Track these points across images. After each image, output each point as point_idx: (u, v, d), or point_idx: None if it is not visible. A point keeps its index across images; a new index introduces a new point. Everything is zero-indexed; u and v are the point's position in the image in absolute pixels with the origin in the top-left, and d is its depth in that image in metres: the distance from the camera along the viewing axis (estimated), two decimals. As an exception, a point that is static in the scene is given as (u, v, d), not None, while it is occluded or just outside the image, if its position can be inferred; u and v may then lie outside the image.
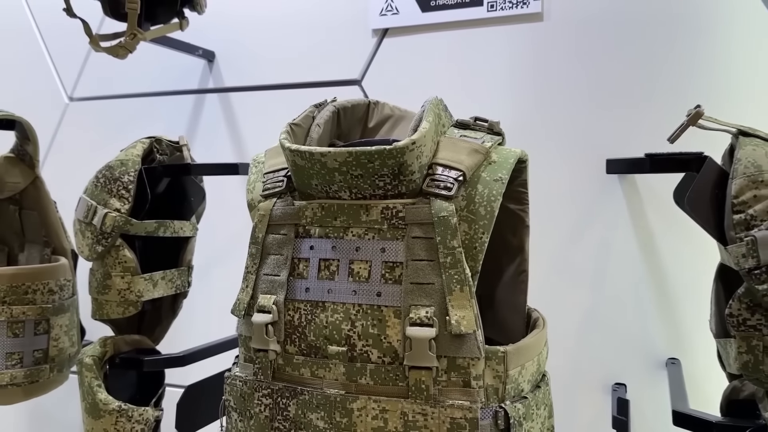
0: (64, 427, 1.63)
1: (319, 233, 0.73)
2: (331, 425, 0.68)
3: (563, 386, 1.15)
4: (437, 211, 0.68)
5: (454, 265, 0.67)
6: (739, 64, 1.05)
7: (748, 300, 0.68)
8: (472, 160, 0.72)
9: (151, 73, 1.50)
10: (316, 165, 0.71)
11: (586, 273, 1.14)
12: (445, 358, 0.66)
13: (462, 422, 0.64)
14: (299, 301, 0.73)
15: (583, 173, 1.11)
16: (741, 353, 0.70)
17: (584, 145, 1.11)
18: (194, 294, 1.19)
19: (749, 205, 0.67)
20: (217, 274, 1.41)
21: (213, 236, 1.39)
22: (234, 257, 1.40)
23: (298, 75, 1.34)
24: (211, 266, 1.40)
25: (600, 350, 1.13)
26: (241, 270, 0.80)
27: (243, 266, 0.78)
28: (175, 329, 1.20)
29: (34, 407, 1.67)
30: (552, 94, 1.16)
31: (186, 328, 1.25)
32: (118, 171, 1.00)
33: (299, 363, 0.72)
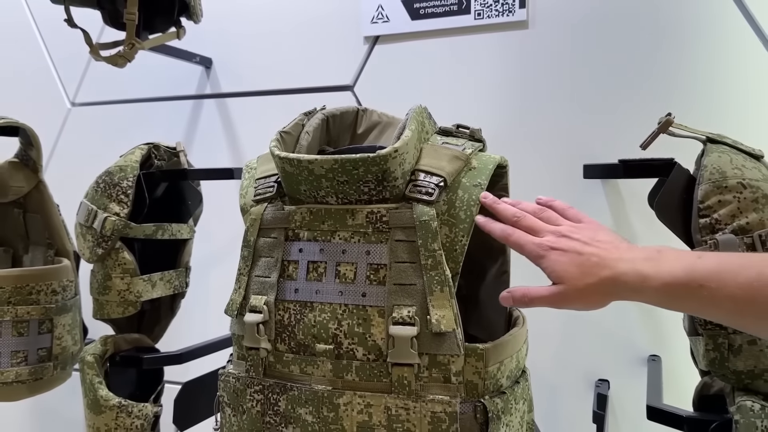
0: (68, 423, 1.67)
1: (308, 236, 0.76)
2: (318, 419, 0.72)
3: (549, 383, 1.18)
4: (419, 216, 0.71)
5: (435, 266, 0.70)
6: (720, 71, 1.08)
7: (714, 299, 0.72)
8: (452, 167, 0.75)
9: (150, 79, 1.54)
10: (304, 172, 0.74)
11: (570, 273, 1.17)
12: (427, 355, 0.69)
13: (442, 416, 0.68)
14: (289, 301, 0.76)
15: (567, 177, 1.14)
16: (708, 350, 0.73)
17: (568, 150, 1.14)
18: (193, 294, 1.22)
19: (714, 210, 0.70)
20: (214, 275, 1.45)
21: (211, 238, 1.42)
22: (231, 259, 1.43)
23: (292, 81, 1.38)
24: (209, 267, 1.44)
25: (584, 348, 1.16)
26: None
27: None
28: (175, 329, 1.24)
29: (39, 404, 1.71)
30: (537, 100, 1.19)
31: (185, 328, 1.29)
32: (118, 176, 1.04)
33: (289, 360, 0.75)
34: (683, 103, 1.09)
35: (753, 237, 0.68)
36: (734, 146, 0.75)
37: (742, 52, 1.07)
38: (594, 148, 1.12)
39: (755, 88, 1.06)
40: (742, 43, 1.07)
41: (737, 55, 1.07)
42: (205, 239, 1.37)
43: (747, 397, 0.70)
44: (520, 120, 1.21)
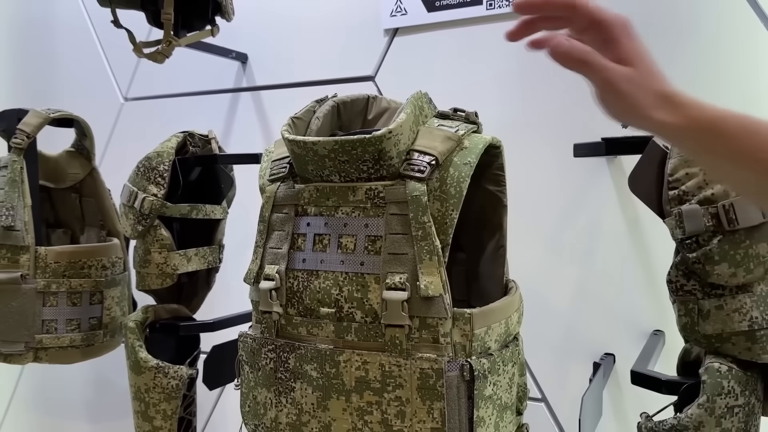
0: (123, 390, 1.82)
1: (315, 212, 0.85)
2: (322, 375, 0.80)
3: (557, 356, 1.23)
4: (411, 191, 0.78)
5: (425, 237, 0.77)
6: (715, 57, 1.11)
7: (684, 267, 0.76)
8: (444, 146, 0.81)
9: (193, 75, 1.67)
10: (310, 152, 0.82)
11: (577, 251, 1.22)
12: (417, 317, 0.77)
13: (429, 372, 0.75)
14: (298, 270, 0.85)
15: (574, 158, 1.18)
16: (680, 316, 0.77)
17: (574, 132, 1.18)
18: (231, 270, 1.33)
19: (682, 182, 0.74)
20: (250, 252, 1.55)
21: (249, 219, 1.52)
22: (264, 239, 1.54)
23: (320, 73, 1.47)
24: (245, 246, 1.54)
25: (590, 323, 1.20)
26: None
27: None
28: (215, 301, 1.35)
29: (98, 373, 1.87)
30: (546, 85, 1.24)
31: (223, 301, 1.40)
32: (155, 161, 1.15)
33: (297, 323, 0.84)
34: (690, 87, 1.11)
35: (717, 207, 0.72)
36: (707, 123, 0.78)
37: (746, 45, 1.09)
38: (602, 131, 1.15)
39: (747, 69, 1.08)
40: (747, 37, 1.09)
41: (739, 49, 1.10)
42: (243, 220, 1.48)
43: (715, 359, 0.74)
44: (529, 105, 1.26)
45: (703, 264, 0.74)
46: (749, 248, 0.72)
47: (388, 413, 0.76)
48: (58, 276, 1.24)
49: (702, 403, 0.73)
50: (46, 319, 1.24)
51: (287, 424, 0.83)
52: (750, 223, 0.71)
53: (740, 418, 0.73)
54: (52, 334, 1.24)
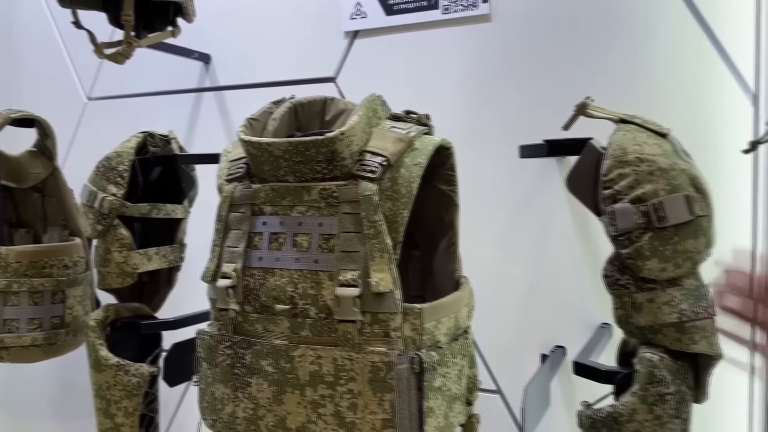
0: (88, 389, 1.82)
1: (271, 211, 0.87)
2: (277, 369, 0.83)
3: (511, 349, 1.27)
4: (363, 191, 0.81)
5: (376, 235, 0.80)
6: (666, 67, 1.16)
7: (618, 263, 0.80)
8: (396, 148, 0.84)
9: (157, 75, 1.67)
10: (265, 153, 0.85)
11: (528, 248, 1.26)
12: (369, 313, 0.79)
13: (380, 365, 0.78)
14: (254, 268, 0.87)
15: (525, 160, 1.22)
16: (616, 309, 0.82)
17: (526, 135, 1.21)
18: (194, 269, 1.33)
19: (615, 182, 0.78)
20: (214, 253, 1.57)
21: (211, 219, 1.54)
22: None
23: (282, 73, 1.49)
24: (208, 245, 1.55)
25: (542, 317, 1.25)
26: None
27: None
28: (178, 300, 1.36)
29: (62, 373, 1.86)
30: (499, 88, 1.28)
31: (187, 299, 1.41)
32: (115, 161, 1.16)
33: (254, 320, 0.86)
34: (632, 88, 1.17)
35: (648, 205, 0.76)
36: (642, 125, 0.83)
37: (687, 48, 1.14)
38: (550, 133, 1.19)
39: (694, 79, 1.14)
40: (688, 40, 1.14)
41: (681, 52, 1.15)
42: (206, 219, 1.49)
43: (648, 350, 0.79)
44: (483, 107, 1.30)
45: (635, 259, 0.78)
46: (678, 244, 0.77)
47: (341, 406, 0.79)
48: (19, 275, 1.25)
49: (635, 392, 0.77)
50: (8, 318, 1.25)
51: (244, 419, 0.85)
52: (678, 221, 0.76)
53: (671, 405, 0.78)
54: (13, 334, 1.25)
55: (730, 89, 1.11)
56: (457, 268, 0.98)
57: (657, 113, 0.92)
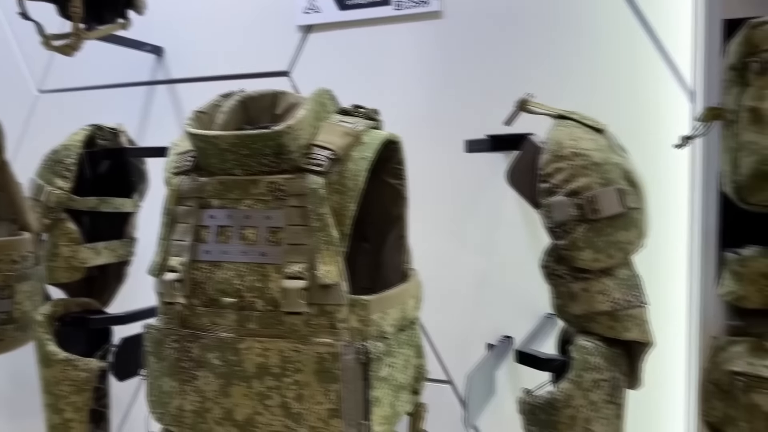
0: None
1: (218, 204, 0.87)
2: (224, 362, 0.83)
3: (462, 340, 1.30)
4: (309, 184, 0.82)
5: (323, 228, 0.81)
6: (603, 61, 1.20)
7: (554, 253, 0.83)
8: (343, 142, 0.85)
9: (109, 68, 1.65)
10: (212, 146, 0.85)
11: (478, 241, 1.29)
12: (315, 305, 0.80)
13: (326, 356, 0.79)
14: (201, 261, 0.87)
15: (476, 154, 1.24)
16: (553, 298, 0.84)
17: (476, 129, 1.23)
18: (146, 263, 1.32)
19: (552, 176, 0.81)
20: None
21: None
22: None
23: (236, 67, 1.48)
24: (162, 240, 1.55)
25: (492, 308, 1.28)
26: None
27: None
28: (130, 295, 1.34)
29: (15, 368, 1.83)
30: (450, 84, 1.30)
31: (139, 294, 1.40)
32: (62, 154, 1.15)
33: (201, 313, 0.86)
34: (578, 84, 1.20)
35: (582, 198, 0.79)
36: (579, 121, 0.85)
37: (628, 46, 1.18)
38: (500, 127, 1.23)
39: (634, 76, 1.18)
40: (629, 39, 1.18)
41: (622, 50, 1.19)
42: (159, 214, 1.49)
43: (583, 338, 0.82)
44: (435, 102, 1.32)
45: (570, 250, 0.81)
46: (610, 236, 0.80)
47: (288, 397, 0.80)
48: (-36, 270, 1.22)
49: (571, 378, 0.80)
50: (-45, 314, 1.22)
51: (191, 412, 0.86)
52: (611, 213, 0.79)
53: (606, 390, 0.81)
54: (-40, 329, 1.22)
55: (669, 86, 1.15)
56: (406, 260, 0.99)
57: (598, 110, 0.95)
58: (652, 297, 0.89)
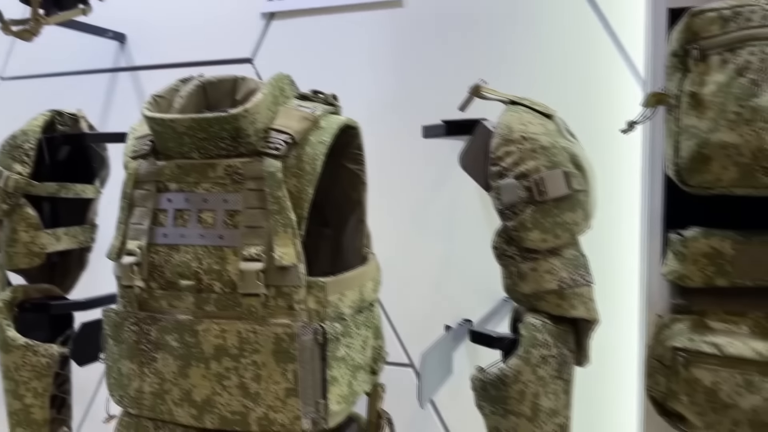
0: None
1: (176, 188, 0.88)
2: (182, 344, 0.84)
3: (423, 323, 1.33)
4: (267, 168, 0.83)
5: (280, 211, 0.82)
6: (558, 50, 1.23)
7: (505, 235, 0.85)
8: (301, 126, 0.86)
9: (72, 54, 1.64)
10: (169, 130, 0.85)
11: (439, 226, 1.32)
12: (273, 286, 0.82)
13: (284, 336, 0.80)
14: (159, 245, 0.88)
15: (436, 141, 1.26)
16: (505, 278, 0.87)
17: (436, 117, 1.26)
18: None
19: (502, 159, 0.83)
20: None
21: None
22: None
23: (199, 54, 1.49)
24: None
25: (452, 292, 1.30)
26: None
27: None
28: (92, 282, 1.34)
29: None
30: (413, 71, 1.32)
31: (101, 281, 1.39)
32: (20, 139, 1.14)
33: (159, 296, 0.87)
34: (530, 76, 1.23)
35: (530, 181, 0.82)
36: (530, 107, 0.88)
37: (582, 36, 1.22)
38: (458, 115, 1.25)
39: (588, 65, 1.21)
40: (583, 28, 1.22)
41: (576, 39, 1.22)
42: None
43: (532, 315, 0.84)
44: (397, 89, 1.34)
45: (519, 231, 0.83)
46: (557, 217, 0.82)
47: (245, 377, 0.81)
48: None
49: (520, 354, 0.83)
50: None
51: (150, 393, 0.87)
52: (557, 194, 0.81)
53: (553, 366, 0.84)
54: None
55: (623, 75, 1.18)
56: (366, 244, 1.01)
57: (554, 97, 0.97)
58: (608, 278, 0.93)
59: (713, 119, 0.79)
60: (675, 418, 0.91)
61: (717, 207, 0.90)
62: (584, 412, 1.19)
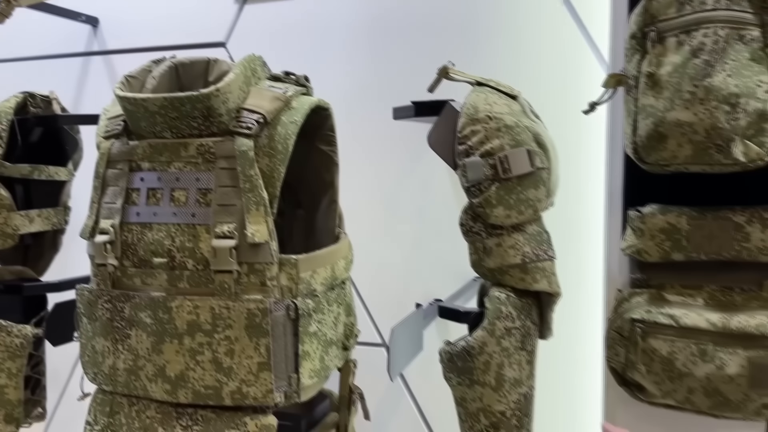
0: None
1: (148, 167, 0.89)
2: (155, 321, 0.85)
3: (395, 303, 1.35)
4: (239, 146, 0.84)
5: (252, 189, 0.83)
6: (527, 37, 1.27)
7: (471, 211, 0.88)
8: (272, 106, 0.88)
9: (43, 38, 1.63)
10: (141, 109, 0.86)
11: (411, 210, 1.34)
12: (246, 263, 0.83)
13: (256, 312, 0.82)
14: (132, 223, 0.88)
15: (408, 124, 1.28)
16: (471, 254, 0.90)
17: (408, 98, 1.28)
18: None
19: (468, 138, 0.86)
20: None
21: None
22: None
23: (172, 38, 1.49)
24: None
25: (423, 273, 1.33)
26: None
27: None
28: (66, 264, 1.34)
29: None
30: (386, 53, 1.34)
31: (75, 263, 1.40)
32: (-8, 121, 1.14)
33: (132, 274, 0.88)
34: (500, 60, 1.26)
35: (495, 159, 0.84)
36: (495, 87, 0.91)
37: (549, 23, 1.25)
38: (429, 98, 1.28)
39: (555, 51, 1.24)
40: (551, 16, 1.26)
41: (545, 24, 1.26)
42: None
43: (497, 289, 0.87)
44: (371, 71, 1.35)
45: (484, 207, 0.86)
46: (520, 193, 0.85)
47: (219, 352, 0.83)
48: None
49: (485, 326, 0.86)
50: None
51: (124, 370, 0.88)
52: (521, 172, 0.84)
53: (517, 338, 0.87)
54: None
55: (588, 60, 1.22)
56: (338, 224, 1.03)
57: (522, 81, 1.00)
58: (573, 254, 0.95)
59: (669, 99, 0.83)
60: (634, 387, 0.95)
61: (675, 185, 0.93)
62: (550, 383, 1.23)
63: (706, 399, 0.88)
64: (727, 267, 0.92)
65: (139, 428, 0.87)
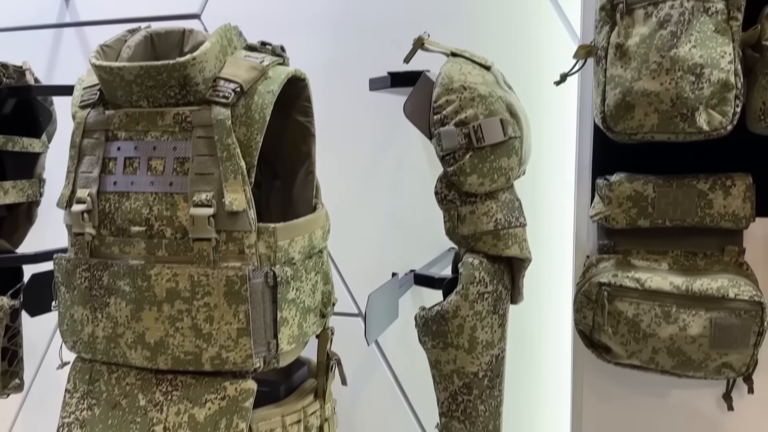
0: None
1: (125, 136, 0.89)
2: (134, 288, 0.86)
3: (371, 274, 1.37)
4: (216, 115, 0.85)
5: (229, 158, 0.84)
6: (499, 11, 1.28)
7: (446, 180, 0.90)
8: (249, 75, 0.88)
9: (14, 10, 1.59)
10: (117, 78, 0.86)
11: (387, 183, 1.36)
12: (224, 231, 0.84)
13: (235, 279, 0.83)
14: (109, 192, 0.89)
15: (384, 98, 1.30)
16: (445, 222, 0.92)
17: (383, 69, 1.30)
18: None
19: (443, 107, 0.88)
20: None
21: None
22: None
23: (146, 9, 1.47)
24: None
25: (399, 244, 1.36)
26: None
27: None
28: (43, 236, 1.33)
29: None
30: (362, 26, 1.35)
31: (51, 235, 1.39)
32: (-37, 91, 1.12)
33: (110, 243, 0.88)
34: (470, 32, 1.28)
35: (469, 128, 0.86)
36: (469, 58, 0.92)
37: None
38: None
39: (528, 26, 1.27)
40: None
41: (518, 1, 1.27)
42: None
43: (470, 255, 0.90)
44: (347, 44, 1.36)
45: (458, 176, 0.88)
46: (493, 162, 0.87)
47: (198, 319, 0.84)
48: None
49: (458, 291, 0.88)
50: None
51: (103, 338, 0.89)
52: (494, 141, 0.86)
53: (489, 302, 0.90)
54: None
55: (559, 32, 1.24)
56: (315, 195, 1.04)
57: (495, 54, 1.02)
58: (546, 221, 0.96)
59: (637, 69, 0.85)
60: (601, 349, 0.99)
61: (642, 155, 0.97)
62: (520, 346, 1.27)
63: (669, 359, 0.92)
64: (690, 233, 0.96)
65: (119, 395, 0.88)
